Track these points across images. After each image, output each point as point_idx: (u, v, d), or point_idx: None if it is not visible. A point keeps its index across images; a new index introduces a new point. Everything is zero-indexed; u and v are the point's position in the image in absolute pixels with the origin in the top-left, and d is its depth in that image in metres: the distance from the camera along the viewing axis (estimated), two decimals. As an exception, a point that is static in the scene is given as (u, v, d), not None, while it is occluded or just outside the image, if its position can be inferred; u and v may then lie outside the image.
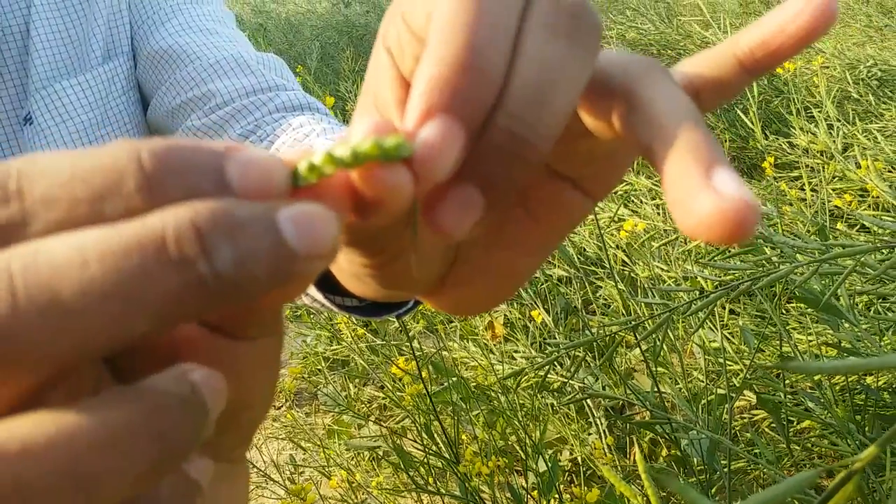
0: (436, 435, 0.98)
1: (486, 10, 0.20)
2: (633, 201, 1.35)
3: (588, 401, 1.17)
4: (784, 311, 1.23)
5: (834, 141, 0.97)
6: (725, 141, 1.63)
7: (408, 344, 1.13)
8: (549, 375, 1.08)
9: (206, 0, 0.68)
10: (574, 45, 0.21)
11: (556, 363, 1.09)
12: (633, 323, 0.94)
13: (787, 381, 1.02)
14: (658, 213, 1.14)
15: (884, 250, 0.82)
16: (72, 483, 0.16)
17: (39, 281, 0.16)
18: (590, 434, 1.25)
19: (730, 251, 1.13)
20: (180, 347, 0.20)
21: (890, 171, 1.19)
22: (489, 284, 0.28)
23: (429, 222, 0.20)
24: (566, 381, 1.03)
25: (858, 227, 1.21)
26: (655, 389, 0.99)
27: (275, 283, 0.17)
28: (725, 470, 1.04)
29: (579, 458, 1.12)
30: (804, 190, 1.16)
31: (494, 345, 1.32)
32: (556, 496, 1.02)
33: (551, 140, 0.20)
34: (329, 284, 0.42)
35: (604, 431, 1.16)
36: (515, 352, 1.26)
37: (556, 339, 1.27)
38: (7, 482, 0.15)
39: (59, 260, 0.16)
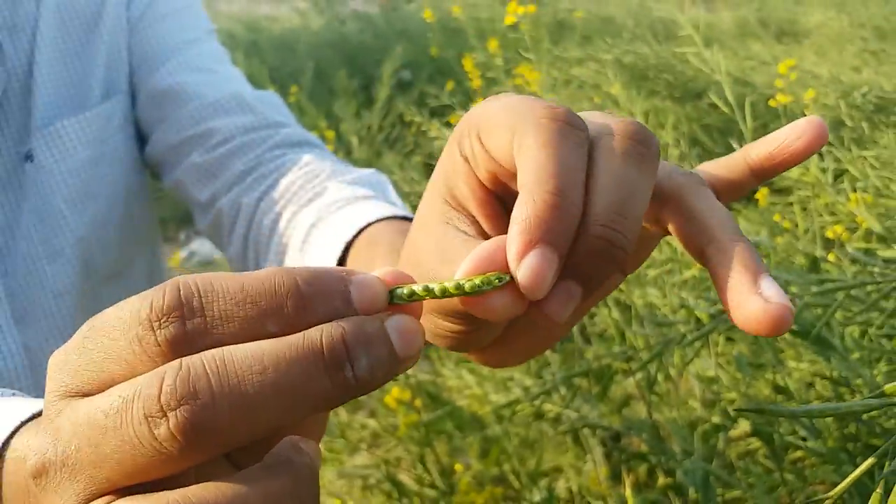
0: (429, 465, 0.98)
1: (565, 158, 0.25)
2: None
3: (585, 429, 1.17)
4: (780, 339, 1.23)
5: (824, 172, 0.98)
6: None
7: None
8: (544, 404, 1.09)
9: (203, 39, 0.69)
10: (643, 165, 0.26)
11: (551, 393, 1.10)
12: (627, 353, 0.95)
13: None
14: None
15: (874, 284, 0.83)
16: None
17: (230, 382, 0.21)
18: (586, 462, 1.24)
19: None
20: None
21: (882, 198, 1.19)
22: (530, 343, 0.32)
23: (538, 311, 0.25)
24: (562, 410, 1.03)
25: (849, 260, 1.22)
26: (650, 420, 0.99)
27: (386, 382, 0.23)
28: (720, 499, 1.04)
29: (574, 488, 1.12)
30: (797, 216, 1.17)
31: (490, 372, 1.32)
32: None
33: (634, 241, 0.26)
34: None
35: (600, 460, 1.16)
36: (510, 379, 1.27)
37: (551, 366, 1.28)
38: None
39: (244, 366, 0.21)
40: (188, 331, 0.22)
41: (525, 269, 0.24)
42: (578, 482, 1.14)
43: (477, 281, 0.24)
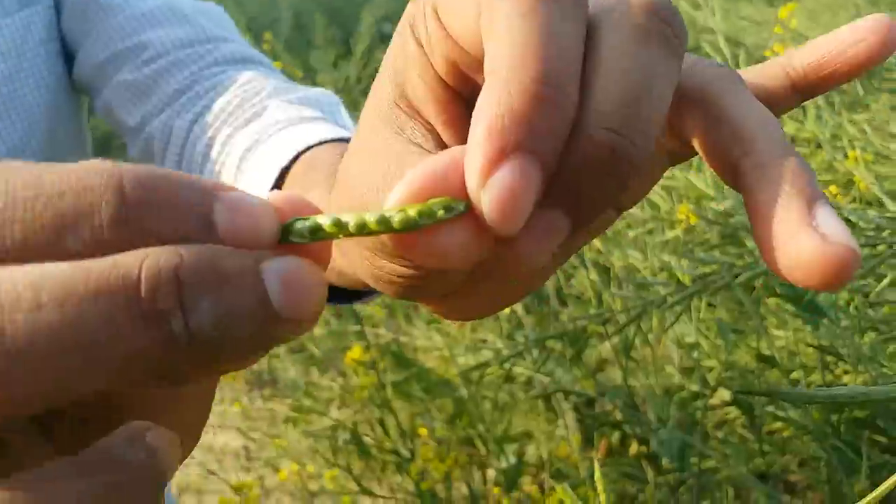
0: (391, 429, 0.92)
1: (556, 32, 0.18)
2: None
3: (557, 394, 1.13)
4: (763, 304, 1.19)
5: (823, 130, 0.92)
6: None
7: (370, 329, 1.07)
8: (517, 367, 1.04)
9: None
10: (665, 49, 0.19)
11: (523, 355, 1.05)
12: (604, 316, 0.89)
13: (762, 380, 0.98)
14: (635, 200, 1.09)
15: (869, 247, 0.78)
16: None
17: None
18: (557, 428, 1.20)
19: (710, 243, 1.08)
20: (119, 393, 0.17)
21: (874, 163, 1.15)
22: (499, 293, 0.25)
23: (506, 251, 0.18)
24: (533, 374, 0.98)
25: (843, 219, 1.17)
26: (625, 386, 0.94)
27: (253, 347, 0.15)
28: (695, 469, 1.00)
29: (544, 455, 1.08)
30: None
31: (466, 332, 1.27)
32: (518, 492, 0.97)
33: (648, 152, 0.18)
34: None
35: (572, 426, 1.12)
36: (483, 341, 1.21)
37: (525, 328, 1.23)
38: None
39: (11, 299, 0.14)
40: None
41: (493, 190, 0.16)
42: (549, 448, 1.10)
43: (412, 212, 0.17)
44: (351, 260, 0.24)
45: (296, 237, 0.17)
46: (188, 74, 0.55)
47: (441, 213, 0.17)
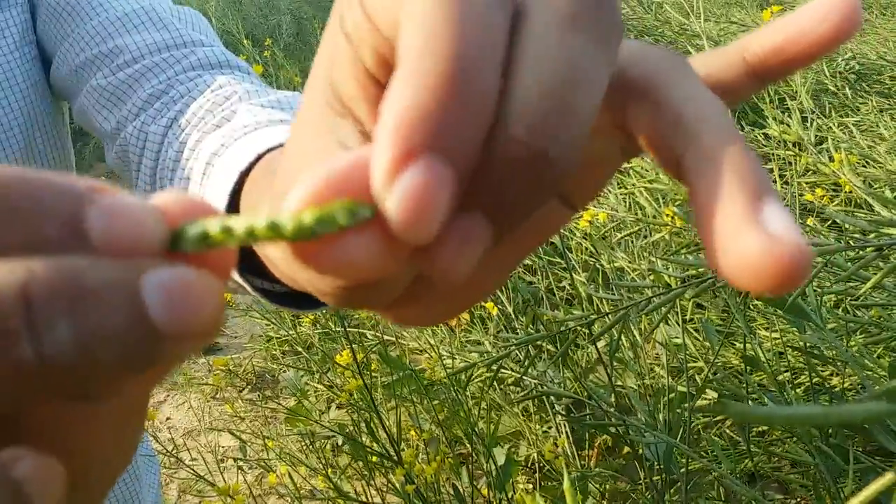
0: (378, 432, 0.93)
1: (474, 17, 0.16)
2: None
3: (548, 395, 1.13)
4: (751, 307, 1.20)
5: (807, 132, 0.93)
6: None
7: (369, 331, 1.08)
8: (505, 370, 1.04)
9: None
10: (596, 34, 0.17)
11: (517, 356, 1.05)
12: (590, 317, 0.90)
13: (749, 382, 0.99)
14: (623, 203, 1.10)
15: (855, 249, 0.78)
16: None
17: None
18: (550, 428, 1.21)
19: (696, 245, 1.09)
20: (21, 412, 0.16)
21: (864, 166, 1.15)
22: (448, 297, 0.23)
23: (422, 259, 0.16)
24: (521, 375, 0.99)
25: (830, 222, 1.18)
26: (611, 387, 0.95)
27: (136, 368, 0.14)
28: (683, 470, 1.01)
29: (535, 455, 1.08)
30: (776, 183, 1.12)
31: (458, 333, 1.27)
32: (508, 493, 0.98)
33: (577, 152, 0.17)
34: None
35: (561, 424, 1.12)
36: (478, 343, 1.22)
37: (516, 330, 1.23)
38: None
39: None
40: None
41: (399, 194, 0.15)
42: (538, 448, 1.10)
43: (308, 219, 0.15)
44: (293, 268, 0.24)
45: (190, 245, 0.15)
46: (164, 79, 0.55)
47: (343, 218, 0.15)
